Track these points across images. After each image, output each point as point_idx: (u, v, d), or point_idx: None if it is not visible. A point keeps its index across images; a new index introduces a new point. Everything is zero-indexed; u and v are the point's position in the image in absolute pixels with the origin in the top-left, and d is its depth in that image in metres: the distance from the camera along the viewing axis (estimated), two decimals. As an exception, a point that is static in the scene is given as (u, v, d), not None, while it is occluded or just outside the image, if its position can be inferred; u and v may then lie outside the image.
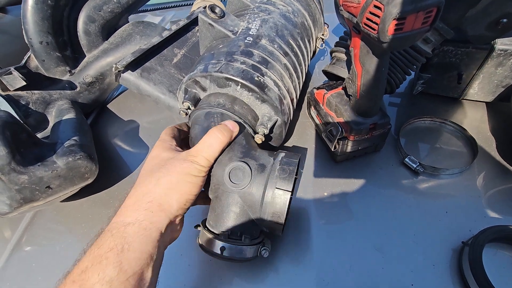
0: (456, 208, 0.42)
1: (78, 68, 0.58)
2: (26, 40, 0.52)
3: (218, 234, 0.34)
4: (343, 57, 0.53)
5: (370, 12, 0.28)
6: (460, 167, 0.46)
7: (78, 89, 0.56)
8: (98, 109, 0.64)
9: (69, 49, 0.56)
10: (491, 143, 0.50)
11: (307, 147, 0.52)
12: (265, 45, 0.42)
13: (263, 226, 0.35)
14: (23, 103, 0.48)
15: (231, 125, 0.35)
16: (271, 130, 0.42)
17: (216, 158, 0.33)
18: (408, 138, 0.52)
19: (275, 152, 0.37)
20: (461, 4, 0.39)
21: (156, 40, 0.53)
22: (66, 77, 0.57)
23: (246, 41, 0.41)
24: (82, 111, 0.55)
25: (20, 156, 0.37)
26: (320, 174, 0.48)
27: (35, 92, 0.50)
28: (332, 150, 0.46)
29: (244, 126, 0.38)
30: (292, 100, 0.44)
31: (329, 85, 0.51)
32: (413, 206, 0.43)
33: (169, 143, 0.35)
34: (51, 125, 0.49)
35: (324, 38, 0.58)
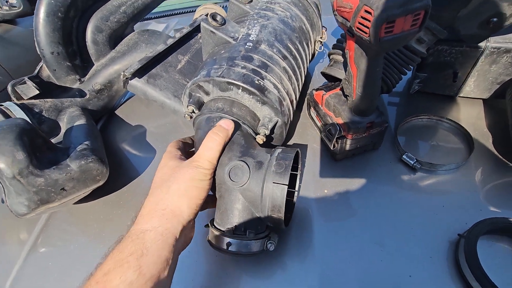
0: (453, 202, 0.44)
1: (87, 76, 0.61)
2: (38, 51, 0.54)
3: (224, 231, 0.36)
4: (340, 59, 0.54)
5: (362, 16, 0.30)
6: (457, 162, 0.47)
7: (87, 96, 0.59)
8: (107, 115, 0.66)
9: (78, 58, 0.59)
10: (487, 138, 0.51)
11: (308, 147, 0.53)
12: (264, 49, 0.43)
13: (266, 221, 0.36)
14: (37, 111, 0.50)
15: (225, 124, 0.37)
16: (272, 131, 0.43)
17: (217, 158, 0.35)
18: (406, 136, 0.53)
19: (273, 149, 0.38)
20: (453, 3, 0.41)
21: (161, 47, 0.55)
22: (76, 85, 0.60)
23: (246, 46, 0.43)
24: (92, 117, 0.57)
25: (36, 160, 0.39)
26: (320, 172, 0.49)
27: (48, 100, 0.52)
28: (332, 149, 0.48)
29: (239, 124, 0.39)
30: (291, 102, 0.46)
31: (327, 86, 0.52)
32: (411, 201, 0.44)
33: (174, 153, 0.38)
34: (63, 131, 0.51)
35: (322, 41, 0.60)
